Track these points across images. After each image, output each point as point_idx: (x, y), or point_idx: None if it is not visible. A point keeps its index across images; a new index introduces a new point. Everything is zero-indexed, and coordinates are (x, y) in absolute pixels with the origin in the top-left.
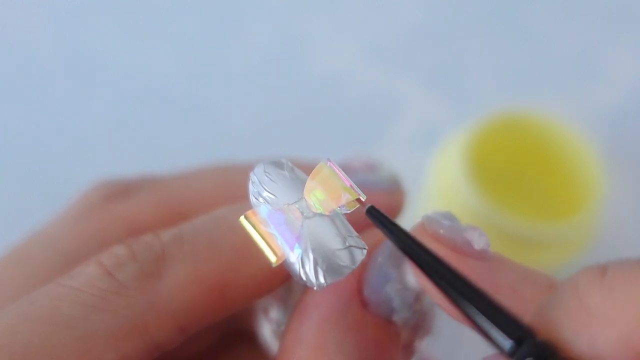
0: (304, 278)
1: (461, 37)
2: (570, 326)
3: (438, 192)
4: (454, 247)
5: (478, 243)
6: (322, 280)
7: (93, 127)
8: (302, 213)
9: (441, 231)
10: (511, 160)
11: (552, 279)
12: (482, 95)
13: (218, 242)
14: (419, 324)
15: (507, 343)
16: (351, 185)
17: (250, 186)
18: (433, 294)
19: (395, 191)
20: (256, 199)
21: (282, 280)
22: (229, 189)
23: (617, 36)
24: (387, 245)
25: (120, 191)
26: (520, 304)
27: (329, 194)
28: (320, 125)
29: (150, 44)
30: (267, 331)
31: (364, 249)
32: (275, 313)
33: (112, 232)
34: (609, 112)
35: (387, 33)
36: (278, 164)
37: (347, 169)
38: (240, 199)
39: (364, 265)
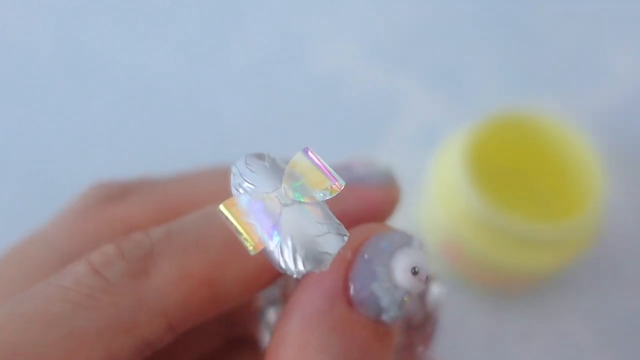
0: (284, 266)
1: (461, 37)
2: None
3: (438, 192)
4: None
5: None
6: (301, 267)
7: (93, 127)
8: (280, 201)
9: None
10: (511, 161)
11: None
12: (482, 95)
13: (207, 238)
14: (424, 329)
15: None
16: (329, 172)
17: (232, 178)
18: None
19: (391, 186)
20: (237, 190)
21: (274, 277)
22: (228, 191)
23: (617, 36)
24: (375, 242)
25: (117, 192)
26: None
27: (307, 181)
28: (320, 125)
29: (150, 44)
30: (267, 338)
31: (345, 235)
32: (274, 319)
33: (109, 233)
34: (609, 112)
35: (387, 33)
36: (259, 156)
37: (342, 168)
38: None
39: (350, 263)
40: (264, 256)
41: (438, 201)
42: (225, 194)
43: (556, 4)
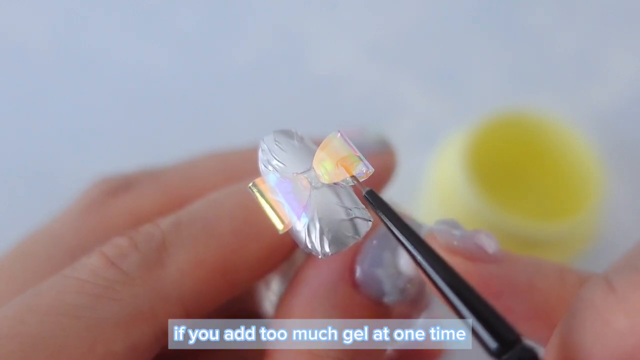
0: (310, 246)
1: (461, 37)
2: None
3: (438, 193)
4: (470, 256)
5: (490, 246)
6: (327, 249)
7: (93, 126)
8: (310, 183)
9: (455, 243)
10: (511, 160)
11: (560, 265)
12: (482, 95)
13: (216, 225)
14: (417, 300)
15: (493, 344)
16: (360, 158)
17: (260, 154)
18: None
19: (386, 153)
20: (265, 167)
21: (283, 258)
22: (229, 173)
23: (617, 36)
24: (385, 229)
25: (121, 185)
26: (538, 298)
27: (337, 165)
28: (320, 125)
29: (150, 44)
30: (268, 303)
31: (370, 220)
32: (276, 285)
33: (116, 226)
34: (609, 112)
35: (386, 33)
36: (288, 134)
37: None
38: (239, 182)
39: (358, 246)
40: (282, 236)
41: (438, 201)
42: (226, 176)
43: (556, 4)
